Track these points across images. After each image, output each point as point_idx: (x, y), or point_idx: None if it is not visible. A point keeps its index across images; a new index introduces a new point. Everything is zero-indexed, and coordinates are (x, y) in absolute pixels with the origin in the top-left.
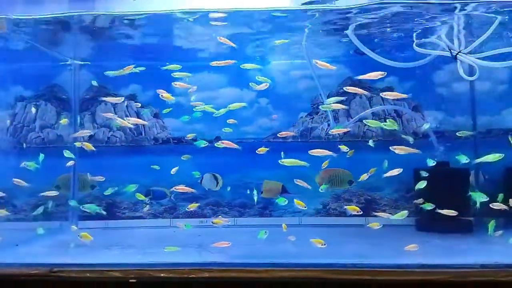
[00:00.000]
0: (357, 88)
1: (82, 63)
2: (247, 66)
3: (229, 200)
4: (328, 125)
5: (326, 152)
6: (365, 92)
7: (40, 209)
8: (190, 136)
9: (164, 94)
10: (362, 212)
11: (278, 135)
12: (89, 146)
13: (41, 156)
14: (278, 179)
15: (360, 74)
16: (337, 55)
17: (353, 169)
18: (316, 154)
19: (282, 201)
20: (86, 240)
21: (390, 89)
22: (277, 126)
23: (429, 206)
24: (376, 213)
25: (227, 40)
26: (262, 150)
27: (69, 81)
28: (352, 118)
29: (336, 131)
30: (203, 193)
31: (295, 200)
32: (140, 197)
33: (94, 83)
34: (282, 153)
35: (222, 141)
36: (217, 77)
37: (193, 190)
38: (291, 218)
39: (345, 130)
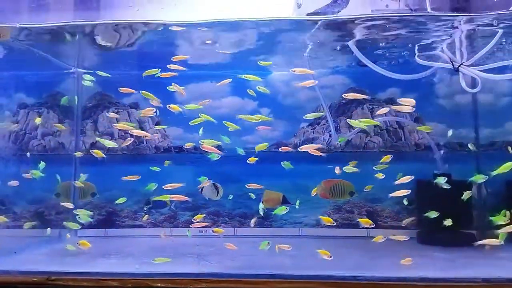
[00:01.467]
0: (355, 94)
1: (85, 71)
2: (248, 77)
3: (230, 209)
4: (330, 135)
5: (315, 147)
6: (364, 96)
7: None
8: (188, 145)
9: (172, 106)
10: (374, 225)
11: (280, 149)
12: (99, 153)
13: (42, 164)
14: (279, 189)
15: (362, 85)
16: (339, 66)
17: (355, 180)
18: (304, 150)
19: (281, 211)
20: (85, 248)
21: (392, 100)
22: (279, 136)
23: (433, 215)
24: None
25: (180, 57)
26: (252, 160)
27: (72, 89)
28: (353, 129)
29: (305, 147)
30: (204, 203)
31: (321, 217)
32: (165, 198)
33: (86, 83)
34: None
35: (203, 145)
36: (219, 86)
37: (187, 199)
38: (292, 229)
39: (317, 150)
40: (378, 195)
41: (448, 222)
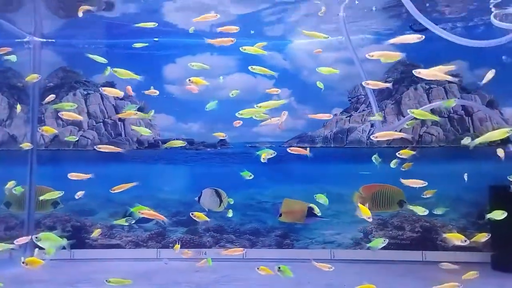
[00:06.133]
0: (387, 52)
1: (45, 40)
2: (249, 49)
3: (237, 224)
4: (372, 125)
5: (303, 151)
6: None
7: None
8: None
9: (194, 79)
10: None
11: (288, 150)
12: (50, 130)
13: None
14: (304, 197)
15: (416, 57)
16: (385, 32)
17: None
18: (294, 152)
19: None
20: (33, 267)
21: (457, 77)
22: (302, 126)
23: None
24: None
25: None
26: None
27: (27, 64)
28: (403, 116)
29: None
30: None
31: (359, 205)
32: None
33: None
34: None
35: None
36: (223, 60)
37: (163, 218)
38: (321, 251)
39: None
40: (437, 205)
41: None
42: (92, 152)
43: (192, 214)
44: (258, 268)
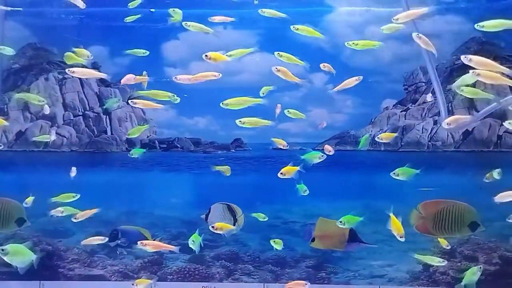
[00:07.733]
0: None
1: (9, 9)
2: (302, 30)
3: (256, 251)
4: (435, 123)
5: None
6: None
7: None
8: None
9: (211, 54)
10: None
11: (326, 152)
12: None
13: None
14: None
15: (495, 35)
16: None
17: (479, 203)
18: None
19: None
20: None
21: None
22: (343, 123)
23: None
24: None
25: None
26: (288, 170)
27: None
28: (477, 110)
29: None
30: (211, 238)
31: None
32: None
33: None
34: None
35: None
36: (240, 35)
37: (172, 248)
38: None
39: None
40: None
41: None
42: (69, 154)
43: (212, 227)
44: None
